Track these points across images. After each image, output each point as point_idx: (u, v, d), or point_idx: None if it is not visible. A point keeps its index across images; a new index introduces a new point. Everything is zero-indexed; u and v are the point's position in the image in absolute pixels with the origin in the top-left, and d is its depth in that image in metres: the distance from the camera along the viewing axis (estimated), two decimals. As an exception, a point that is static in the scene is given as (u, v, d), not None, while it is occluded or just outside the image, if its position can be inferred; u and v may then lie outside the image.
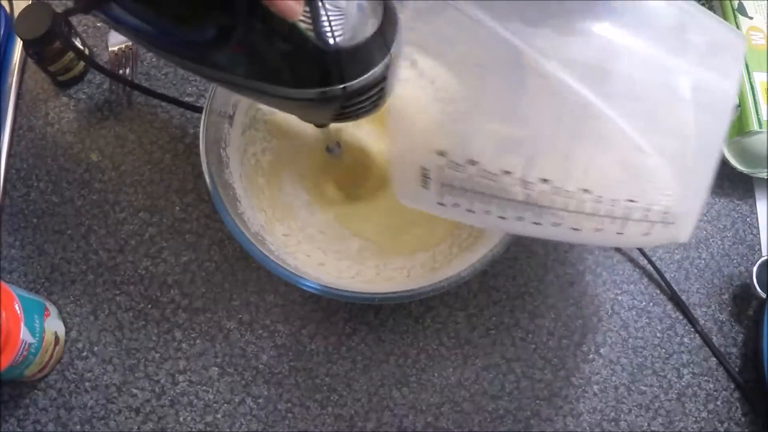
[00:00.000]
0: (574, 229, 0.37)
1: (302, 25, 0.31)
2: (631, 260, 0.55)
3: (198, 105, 0.57)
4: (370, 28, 0.32)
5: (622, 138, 0.33)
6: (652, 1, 0.35)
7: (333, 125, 0.46)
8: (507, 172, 0.35)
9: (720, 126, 0.35)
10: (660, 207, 0.35)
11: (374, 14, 0.33)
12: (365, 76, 0.33)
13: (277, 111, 0.54)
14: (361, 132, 0.53)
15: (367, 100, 0.35)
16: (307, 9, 0.31)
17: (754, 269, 0.52)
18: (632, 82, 0.34)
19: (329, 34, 0.31)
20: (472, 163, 0.36)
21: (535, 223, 0.37)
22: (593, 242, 0.47)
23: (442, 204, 0.39)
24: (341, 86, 0.33)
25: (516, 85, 0.35)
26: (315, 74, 0.33)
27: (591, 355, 0.52)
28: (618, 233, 0.36)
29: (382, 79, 0.34)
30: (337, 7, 0.31)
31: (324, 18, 0.31)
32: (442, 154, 0.36)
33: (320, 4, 0.31)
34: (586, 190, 0.35)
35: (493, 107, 0.36)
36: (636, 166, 0.34)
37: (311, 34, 0.32)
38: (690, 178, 0.35)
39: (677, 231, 0.36)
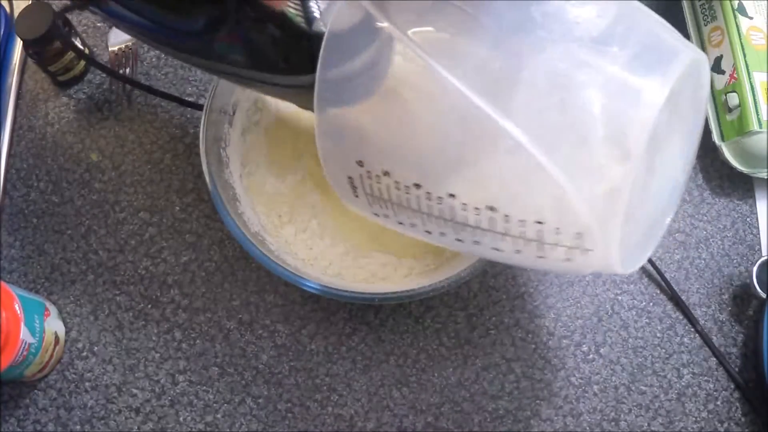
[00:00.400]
0: (495, 249, 0.35)
1: (291, 11, 0.31)
2: (631, 260, 0.55)
3: (198, 103, 0.57)
4: (358, 12, 0.32)
5: (524, 155, 0.31)
6: (577, 8, 0.32)
7: None
8: (417, 185, 0.34)
9: (636, 148, 0.30)
10: (570, 231, 0.32)
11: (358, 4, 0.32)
12: (356, 60, 0.33)
13: (275, 110, 0.54)
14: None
15: (360, 85, 0.35)
16: None
17: (754, 269, 0.52)
18: (539, 94, 0.31)
19: (319, 19, 0.31)
20: (387, 174, 0.35)
21: (458, 240, 0.36)
22: (522, 264, 0.44)
23: (376, 214, 0.38)
24: None
25: (420, 96, 0.33)
26: (306, 60, 0.33)
27: (591, 355, 0.52)
28: (538, 257, 0.34)
29: (373, 64, 0.34)
30: None
31: (312, 3, 0.31)
32: (360, 164, 0.35)
33: None
34: (492, 208, 0.33)
35: (398, 120, 0.35)
36: (540, 186, 0.32)
37: (300, 19, 0.32)
38: (603, 202, 0.31)
39: (605, 260, 0.33)
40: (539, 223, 0.32)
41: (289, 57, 0.33)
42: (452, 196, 0.34)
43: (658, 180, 0.36)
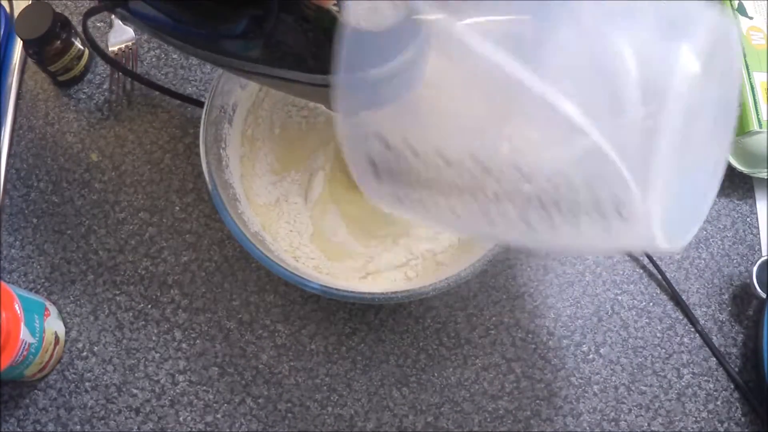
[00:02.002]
0: (527, 222, 0.33)
1: (333, 10, 0.31)
2: (631, 260, 0.55)
3: (200, 100, 0.57)
4: (399, 12, 0.32)
5: (553, 115, 0.30)
6: None
7: None
8: (440, 154, 0.33)
9: (672, 112, 0.29)
10: (608, 195, 0.31)
11: (399, 4, 0.32)
12: (395, 60, 0.33)
13: (276, 111, 0.54)
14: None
15: (398, 85, 0.34)
16: None
17: (754, 269, 0.52)
18: (567, 54, 0.31)
19: (360, 19, 0.31)
20: (408, 145, 0.34)
21: (486, 216, 0.34)
22: (560, 246, 0.42)
23: (397, 197, 0.37)
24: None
25: (442, 58, 0.33)
26: None
27: (591, 355, 0.52)
28: (573, 227, 0.32)
29: (413, 63, 0.33)
30: None
31: (350, 2, 0.31)
32: (379, 137, 0.34)
33: None
34: (517, 167, 0.31)
35: (418, 83, 0.34)
36: (572, 145, 0.30)
37: (339, 17, 0.31)
38: (643, 164, 0.30)
39: (647, 232, 0.31)
40: (573, 188, 0.31)
41: (324, 56, 0.33)
42: (473, 157, 0.32)
43: (696, 151, 0.34)
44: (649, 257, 0.55)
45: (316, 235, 0.51)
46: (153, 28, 0.38)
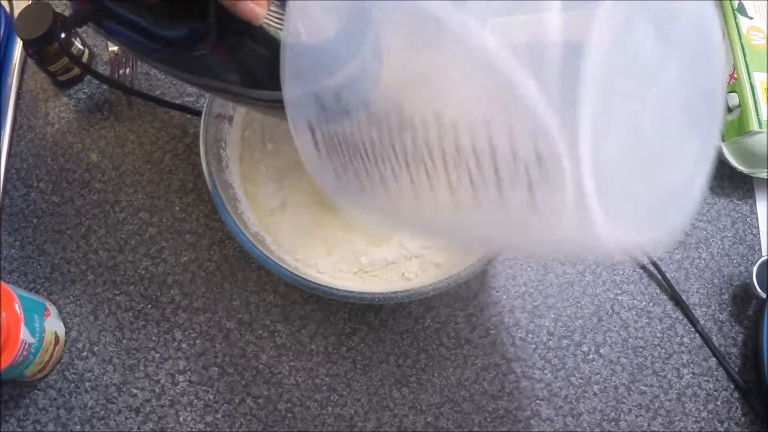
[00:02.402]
0: (451, 192, 0.30)
1: (271, 28, 0.31)
2: (632, 260, 0.55)
3: (196, 108, 0.57)
4: (335, 25, 0.32)
5: (471, 49, 0.27)
6: None
7: None
8: (365, 104, 0.31)
9: (596, 37, 0.26)
10: (528, 144, 0.27)
11: (339, 11, 0.32)
12: (337, 74, 0.32)
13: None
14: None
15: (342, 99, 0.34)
16: (276, 10, 0.31)
17: (754, 269, 0.52)
18: None
19: (300, 32, 0.31)
20: (338, 100, 0.32)
21: (412, 182, 0.31)
22: (482, 232, 0.36)
23: (336, 173, 0.34)
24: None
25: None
26: None
27: (591, 355, 0.52)
28: (497, 199, 0.29)
29: (357, 77, 0.33)
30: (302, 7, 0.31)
31: (293, 15, 0.31)
32: (316, 95, 0.32)
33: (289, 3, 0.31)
34: (438, 116, 0.29)
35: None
36: (488, 79, 0.27)
37: (278, 33, 0.31)
38: (561, 96, 0.26)
39: (579, 198, 0.26)
40: (489, 127, 0.28)
41: (272, 72, 0.32)
42: (396, 106, 0.30)
43: (656, 125, 0.31)
44: (649, 257, 0.55)
45: (316, 235, 0.51)
46: (119, 41, 0.38)
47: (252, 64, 0.34)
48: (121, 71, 0.59)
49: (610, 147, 0.27)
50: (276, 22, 0.32)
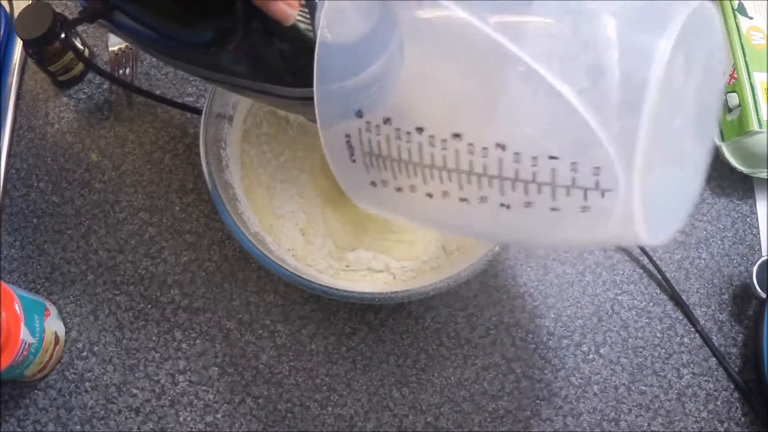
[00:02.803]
0: (503, 205, 0.32)
1: (301, 26, 0.32)
2: (632, 260, 0.55)
3: (197, 107, 0.57)
4: (366, 25, 0.32)
5: (535, 81, 0.29)
6: None
7: None
8: (419, 129, 0.32)
9: (654, 75, 0.28)
10: (587, 165, 0.29)
11: (371, 11, 0.33)
12: (364, 73, 0.33)
13: (273, 111, 0.54)
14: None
15: (366, 98, 0.35)
16: (305, 10, 0.31)
17: (754, 269, 0.52)
18: (550, 19, 0.30)
19: (327, 31, 0.31)
20: (388, 121, 0.33)
21: (462, 200, 0.34)
22: (533, 231, 0.39)
23: (373, 184, 0.36)
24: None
25: (425, 31, 0.32)
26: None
27: (591, 355, 0.52)
28: (552, 209, 0.31)
29: (381, 76, 0.34)
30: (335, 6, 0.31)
31: (322, 15, 0.31)
32: (359, 114, 0.34)
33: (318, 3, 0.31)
34: (501, 146, 0.31)
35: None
36: (553, 114, 0.29)
37: (310, 33, 0.32)
38: (620, 127, 0.29)
39: (627, 205, 0.30)
40: (553, 158, 0.30)
41: (298, 70, 0.33)
42: (457, 136, 0.32)
43: (676, 146, 0.34)
44: (650, 257, 0.55)
45: (315, 234, 0.51)
46: (132, 38, 0.38)
47: (276, 62, 0.34)
48: (121, 71, 0.59)
49: (654, 172, 0.31)
50: (305, 21, 0.32)
